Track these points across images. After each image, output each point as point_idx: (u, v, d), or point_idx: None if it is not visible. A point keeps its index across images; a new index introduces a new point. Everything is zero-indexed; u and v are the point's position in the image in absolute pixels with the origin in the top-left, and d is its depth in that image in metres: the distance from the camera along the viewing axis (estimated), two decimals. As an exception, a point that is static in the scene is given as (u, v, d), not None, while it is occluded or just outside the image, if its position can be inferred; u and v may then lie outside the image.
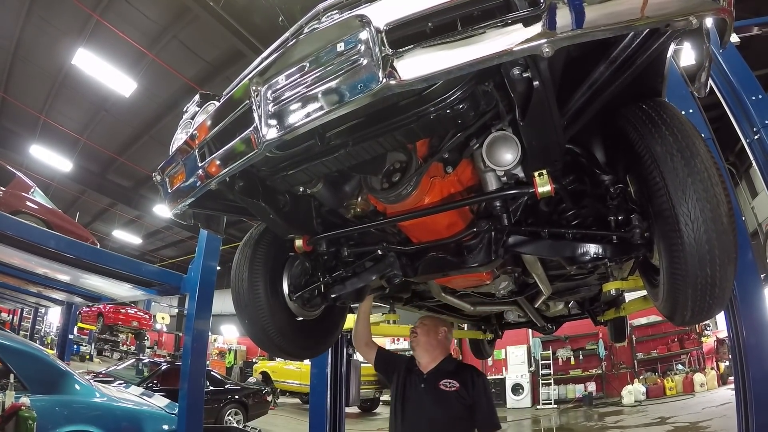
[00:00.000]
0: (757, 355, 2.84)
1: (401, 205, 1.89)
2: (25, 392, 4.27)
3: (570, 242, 1.82)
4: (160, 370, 9.70)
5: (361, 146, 1.56)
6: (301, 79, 1.29)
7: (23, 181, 7.69)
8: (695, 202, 1.35)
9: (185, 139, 1.78)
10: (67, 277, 5.86)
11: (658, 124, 1.48)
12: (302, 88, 1.29)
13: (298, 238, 2.20)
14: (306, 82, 1.28)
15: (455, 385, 2.65)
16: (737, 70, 3.40)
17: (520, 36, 1.09)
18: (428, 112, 1.45)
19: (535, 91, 1.31)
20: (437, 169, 1.86)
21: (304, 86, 1.28)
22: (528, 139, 1.53)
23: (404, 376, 2.84)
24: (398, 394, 2.80)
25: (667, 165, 1.40)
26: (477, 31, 1.13)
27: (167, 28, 10.39)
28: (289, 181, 1.82)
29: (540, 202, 1.94)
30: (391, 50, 1.15)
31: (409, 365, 2.90)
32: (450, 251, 2.08)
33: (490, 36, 1.12)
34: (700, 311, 1.51)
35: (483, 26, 1.13)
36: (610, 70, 1.48)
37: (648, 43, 1.41)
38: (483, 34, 1.12)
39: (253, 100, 1.40)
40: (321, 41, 1.27)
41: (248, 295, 2.23)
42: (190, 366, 4.44)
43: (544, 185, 1.64)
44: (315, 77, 1.26)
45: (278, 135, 1.34)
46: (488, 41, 1.12)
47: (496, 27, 1.12)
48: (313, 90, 1.26)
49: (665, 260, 1.50)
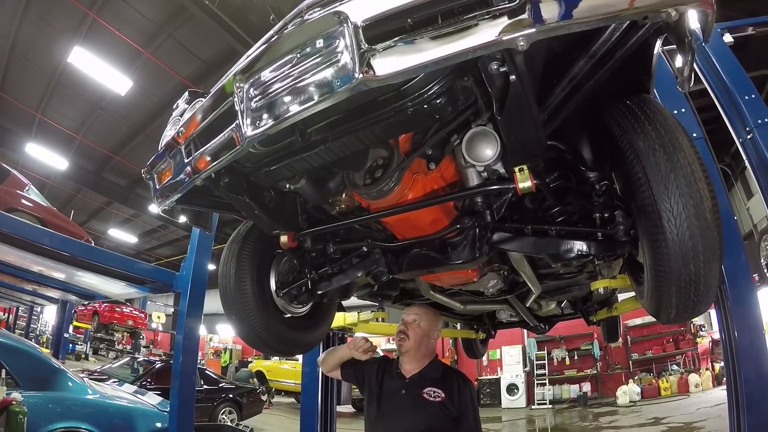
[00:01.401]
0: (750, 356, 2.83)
1: (384, 201, 1.89)
2: (17, 388, 4.27)
3: (554, 239, 1.81)
4: (155, 368, 9.71)
5: (341, 141, 1.56)
6: (282, 75, 1.30)
7: (18, 178, 7.69)
8: (678, 198, 1.34)
9: (172, 136, 1.78)
10: (61, 274, 5.86)
11: (641, 119, 1.48)
12: (282, 85, 1.29)
13: (283, 234, 2.21)
14: (286, 78, 1.29)
15: (440, 394, 2.31)
16: (730, 70, 3.39)
17: (495, 30, 1.10)
18: (406, 107, 1.44)
19: (512, 85, 1.31)
20: (420, 165, 1.86)
21: (285, 82, 1.29)
22: (507, 134, 1.53)
23: (380, 379, 2.48)
24: (373, 400, 2.44)
25: (649, 160, 1.39)
26: (453, 26, 1.13)
27: (163, 26, 10.41)
28: (272, 176, 1.82)
29: (525, 198, 1.94)
30: (368, 46, 1.16)
31: (385, 366, 2.54)
32: (434, 248, 2.08)
33: (466, 31, 1.12)
34: (684, 309, 1.51)
35: (459, 21, 1.13)
36: (590, 64, 1.49)
37: (627, 36, 1.41)
38: (459, 29, 1.12)
39: (236, 96, 1.40)
40: (300, 38, 1.28)
41: (235, 292, 2.24)
42: (182, 363, 4.43)
43: (524, 181, 1.64)
44: (295, 74, 1.27)
45: (259, 131, 1.34)
46: (464, 36, 1.12)
47: (472, 22, 1.12)
48: (292, 86, 1.27)
49: (649, 257, 1.49)
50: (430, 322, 2.52)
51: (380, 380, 2.47)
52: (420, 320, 2.49)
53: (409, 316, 2.52)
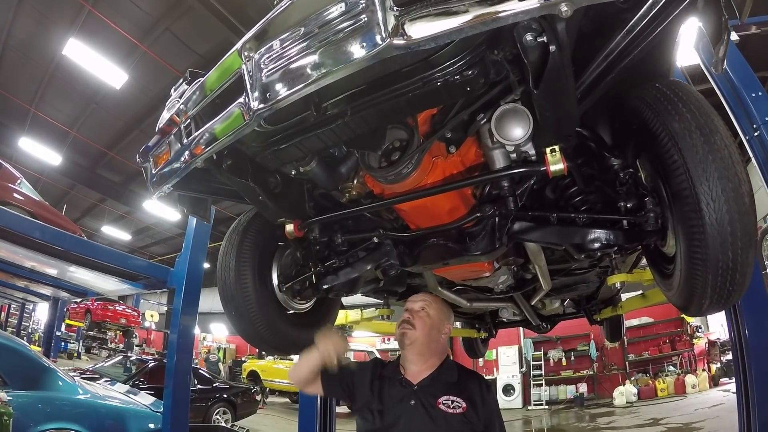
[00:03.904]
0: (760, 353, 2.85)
1: (400, 186, 1.78)
2: (4, 387, 4.15)
3: (579, 228, 1.74)
4: (147, 367, 9.58)
5: (360, 116, 1.46)
6: (299, 42, 1.19)
7: (10, 171, 7.55)
8: (716, 181, 1.29)
9: (171, 116, 1.67)
10: (54, 270, 5.77)
11: (674, 101, 1.42)
12: (299, 52, 1.19)
13: (289, 223, 2.08)
14: (303, 44, 1.18)
15: (460, 404, 1.86)
16: (737, 68, 3.37)
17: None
18: (435, 77, 1.36)
19: (551, 56, 1.22)
20: (440, 149, 1.76)
21: (301, 49, 1.18)
22: (542, 110, 1.43)
23: (377, 388, 1.99)
24: (372, 416, 1.94)
25: (686, 142, 1.34)
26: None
27: (160, 19, 10.25)
28: (280, 157, 1.71)
29: (546, 187, 1.88)
30: (397, 8, 1.06)
31: (382, 371, 2.07)
32: (451, 238, 1.97)
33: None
34: (719, 299, 1.45)
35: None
36: (627, 40, 1.40)
37: (668, 11, 1.33)
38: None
39: (245, 66, 1.30)
40: (320, 1, 1.17)
41: (235, 285, 2.12)
42: (176, 363, 4.32)
43: (556, 163, 1.55)
44: (314, 39, 1.17)
45: (270, 104, 1.24)
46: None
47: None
48: (311, 53, 1.17)
49: (684, 244, 1.43)
50: (441, 312, 2.11)
51: (378, 390, 1.99)
52: (429, 308, 2.06)
53: (416, 303, 2.08)
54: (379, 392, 1.97)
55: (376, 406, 1.94)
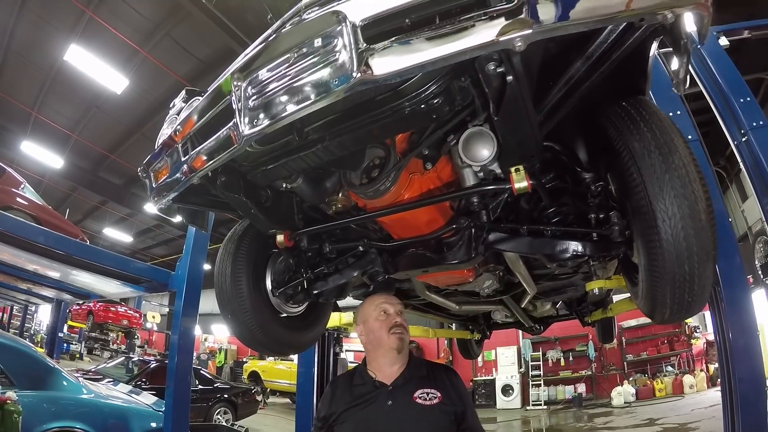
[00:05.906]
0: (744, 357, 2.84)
1: (380, 201, 1.89)
2: (11, 387, 4.25)
3: (549, 239, 1.82)
4: (149, 368, 9.67)
5: (338, 141, 1.56)
6: (280, 74, 1.29)
7: (14, 176, 7.65)
8: (672, 199, 1.35)
9: (169, 134, 1.78)
10: (56, 273, 5.85)
11: (636, 120, 1.49)
12: (280, 84, 1.28)
13: (279, 234, 2.20)
14: (284, 77, 1.28)
15: (436, 395, 1.91)
16: (726, 73, 3.41)
17: (492, 31, 1.10)
18: (403, 106, 1.45)
19: (509, 85, 1.31)
20: (417, 165, 1.86)
21: (282, 81, 1.28)
22: (503, 134, 1.53)
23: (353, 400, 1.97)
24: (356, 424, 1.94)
25: (645, 161, 1.41)
26: (451, 26, 1.13)
27: (160, 25, 10.37)
28: (269, 175, 1.83)
29: (520, 199, 1.95)
30: (366, 45, 1.16)
31: (344, 386, 2.05)
32: (430, 248, 2.09)
33: (464, 31, 1.12)
34: (679, 309, 1.52)
35: (456, 22, 1.13)
36: (587, 65, 1.50)
37: (624, 38, 1.42)
38: (456, 29, 1.13)
39: (233, 95, 1.40)
40: (299, 37, 1.27)
41: (231, 290, 2.24)
42: (177, 363, 4.42)
43: (520, 181, 1.65)
44: (292, 72, 1.26)
45: (257, 130, 1.34)
46: (461, 37, 1.12)
47: (469, 22, 1.12)
48: (290, 85, 1.26)
49: (643, 257, 1.50)
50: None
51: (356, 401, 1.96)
52: (403, 310, 2.11)
53: (394, 306, 2.08)
54: (356, 403, 1.96)
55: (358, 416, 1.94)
